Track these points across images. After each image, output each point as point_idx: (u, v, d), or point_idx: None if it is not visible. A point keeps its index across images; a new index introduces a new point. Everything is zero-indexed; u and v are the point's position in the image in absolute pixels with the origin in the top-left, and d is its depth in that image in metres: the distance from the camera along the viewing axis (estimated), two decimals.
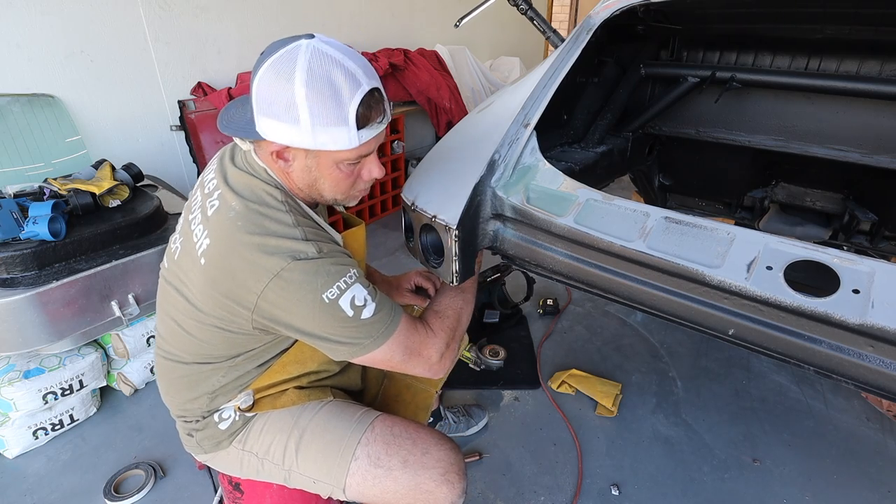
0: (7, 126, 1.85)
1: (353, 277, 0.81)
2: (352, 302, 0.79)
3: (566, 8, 6.18)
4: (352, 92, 0.75)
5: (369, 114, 0.78)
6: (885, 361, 0.81)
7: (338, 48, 0.76)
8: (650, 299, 1.07)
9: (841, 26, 1.39)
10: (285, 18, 2.90)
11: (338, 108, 0.74)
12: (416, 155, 3.81)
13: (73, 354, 1.67)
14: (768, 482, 1.53)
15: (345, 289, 0.79)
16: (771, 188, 2.00)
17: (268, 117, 0.76)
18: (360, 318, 0.80)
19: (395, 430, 0.94)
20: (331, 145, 0.77)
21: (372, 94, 0.78)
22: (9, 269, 1.47)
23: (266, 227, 0.79)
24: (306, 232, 0.81)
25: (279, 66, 0.73)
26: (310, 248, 0.79)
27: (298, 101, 0.73)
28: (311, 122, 0.74)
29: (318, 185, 0.86)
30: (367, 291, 0.82)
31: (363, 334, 0.82)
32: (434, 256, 1.34)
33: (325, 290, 0.77)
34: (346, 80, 0.74)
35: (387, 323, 0.84)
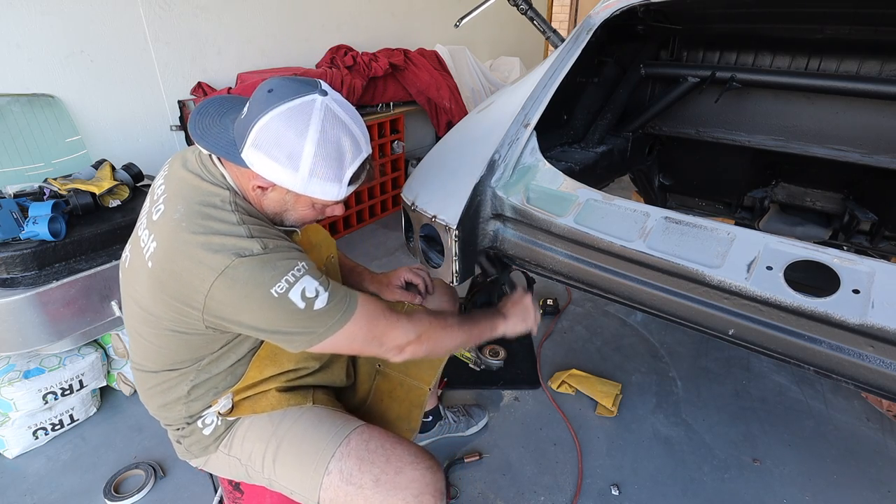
0: (7, 126, 1.84)
1: (301, 270, 0.80)
2: (303, 294, 0.79)
3: (566, 8, 6.18)
4: (353, 157, 0.82)
5: (360, 174, 0.85)
6: (885, 361, 0.82)
7: (346, 110, 0.82)
8: (650, 299, 1.07)
9: (841, 26, 1.39)
10: (285, 18, 2.90)
11: (338, 169, 0.81)
12: (416, 155, 3.81)
13: (73, 354, 1.67)
14: (768, 482, 1.53)
15: (293, 282, 0.78)
16: (771, 188, 2.00)
17: (265, 155, 0.78)
18: (314, 308, 0.79)
19: (371, 444, 0.91)
20: (319, 195, 0.82)
21: (368, 159, 0.85)
22: (9, 269, 1.47)
23: (210, 226, 0.79)
24: (251, 229, 0.80)
25: (293, 118, 0.77)
26: (254, 245, 0.78)
27: (304, 156, 0.77)
28: (310, 174, 0.79)
29: (285, 215, 0.89)
30: (319, 282, 0.81)
31: (317, 323, 0.81)
32: (434, 256, 1.34)
33: (274, 284, 0.77)
34: (351, 146, 0.81)
35: (342, 310, 0.83)
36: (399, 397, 1.21)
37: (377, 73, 3.04)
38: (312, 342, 0.82)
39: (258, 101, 0.79)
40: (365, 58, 3.04)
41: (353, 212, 3.25)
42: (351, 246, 3.09)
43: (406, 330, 0.90)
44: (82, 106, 2.13)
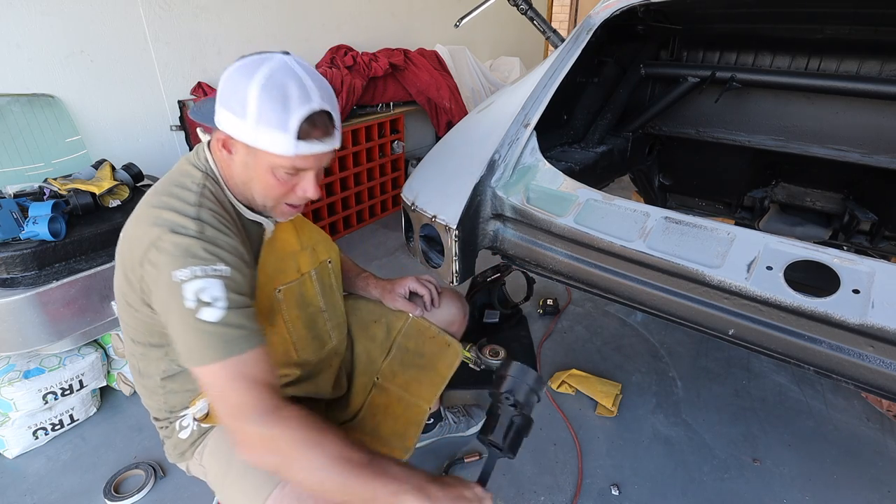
0: (7, 126, 1.84)
1: (217, 272, 0.74)
2: (197, 293, 0.72)
3: (566, 8, 6.18)
4: (300, 104, 0.77)
5: (311, 129, 0.79)
6: (885, 361, 0.82)
7: (307, 70, 0.79)
8: (650, 299, 1.07)
9: (841, 26, 1.39)
10: (285, 18, 2.90)
11: (283, 113, 0.76)
12: (416, 155, 3.81)
13: (73, 354, 1.67)
14: (768, 482, 1.53)
15: (199, 276, 0.72)
16: (771, 188, 2.00)
17: (223, 108, 0.79)
18: (197, 315, 0.71)
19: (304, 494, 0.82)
20: (268, 147, 0.78)
21: (321, 114, 0.79)
22: (9, 269, 1.47)
23: (167, 201, 0.80)
24: (201, 213, 0.79)
25: (245, 66, 0.77)
26: (191, 225, 0.76)
27: (249, 98, 0.75)
28: (256, 119, 0.76)
29: (251, 185, 0.85)
30: (226, 296, 0.73)
31: (193, 337, 0.72)
32: (434, 256, 1.34)
33: (179, 268, 0.73)
34: (298, 93, 0.77)
35: (222, 342, 0.72)
36: (396, 413, 1.16)
37: (377, 73, 3.04)
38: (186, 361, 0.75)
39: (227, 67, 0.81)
40: (365, 58, 3.04)
41: (354, 212, 3.25)
42: (351, 246, 3.08)
43: (257, 426, 0.71)
44: (82, 106, 2.13)
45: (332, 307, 1.10)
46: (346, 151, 3.00)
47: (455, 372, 1.93)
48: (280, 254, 0.97)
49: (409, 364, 1.21)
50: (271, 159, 0.80)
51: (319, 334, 1.06)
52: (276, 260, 0.96)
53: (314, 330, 1.04)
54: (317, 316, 1.05)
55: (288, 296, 0.97)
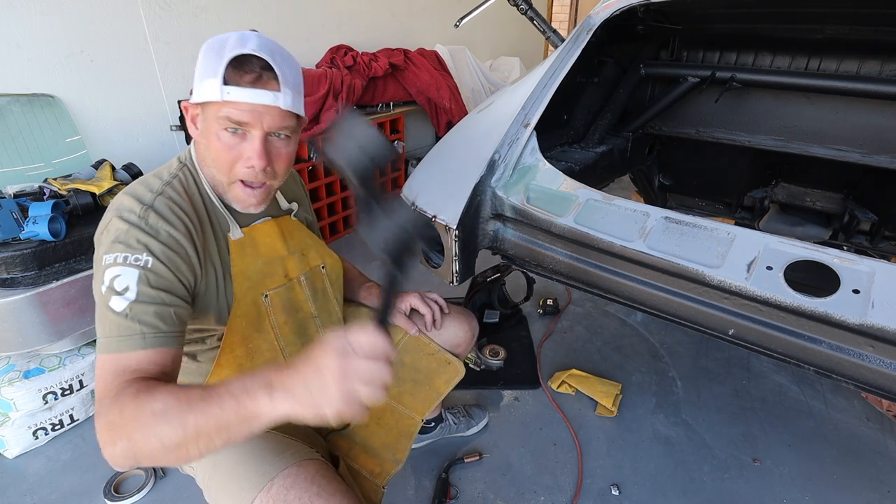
0: (7, 126, 1.84)
1: (137, 262, 0.72)
2: (112, 279, 0.71)
3: (566, 8, 6.18)
4: (231, 49, 0.76)
5: (240, 72, 0.76)
6: (885, 361, 0.82)
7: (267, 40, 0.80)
8: (650, 299, 1.07)
9: (841, 26, 1.39)
10: (285, 18, 2.90)
11: (215, 59, 0.76)
12: (416, 155, 3.81)
13: (73, 354, 1.67)
14: (768, 482, 1.53)
15: (119, 263, 0.72)
16: (771, 188, 2.00)
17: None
18: (108, 303, 0.71)
19: (291, 494, 0.78)
20: (204, 96, 0.78)
21: (253, 58, 0.77)
22: (9, 269, 1.47)
23: (135, 187, 0.81)
24: (156, 200, 0.79)
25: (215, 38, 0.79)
26: (136, 209, 0.77)
27: (199, 57, 0.78)
28: (200, 74, 0.78)
29: (209, 158, 0.84)
30: (138, 287, 0.71)
31: (100, 322, 0.72)
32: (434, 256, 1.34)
33: (108, 252, 0.73)
34: (235, 41, 0.76)
35: (116, 334, 0.70)
36: (388, 424, 1.13)
37: (377, 73, 3.04)
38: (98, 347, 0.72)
39: None
40: (365, 58, 3.04)
41: (354, 212, 3.25)
42: (350, 247, 3.08)
43: (102, 408, 0.66)
44: (82, 106, 2.13)
45: (326, 313, 1.07)
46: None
47: None
48: (265, 258, 0.95)
49: (404, 378, 1.17)
50: (212, 113, 0.79)
51: (310, 340, 1.03)
52: (262, 265, 0.94)
53: (304, 336, 1.02)
54: (307, 322, 1.03)
55: (275, 301, 0.96)
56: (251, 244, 0.93)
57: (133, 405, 0.63)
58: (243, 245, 0.91)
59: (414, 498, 1.47)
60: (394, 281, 0.63)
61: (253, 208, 0.89)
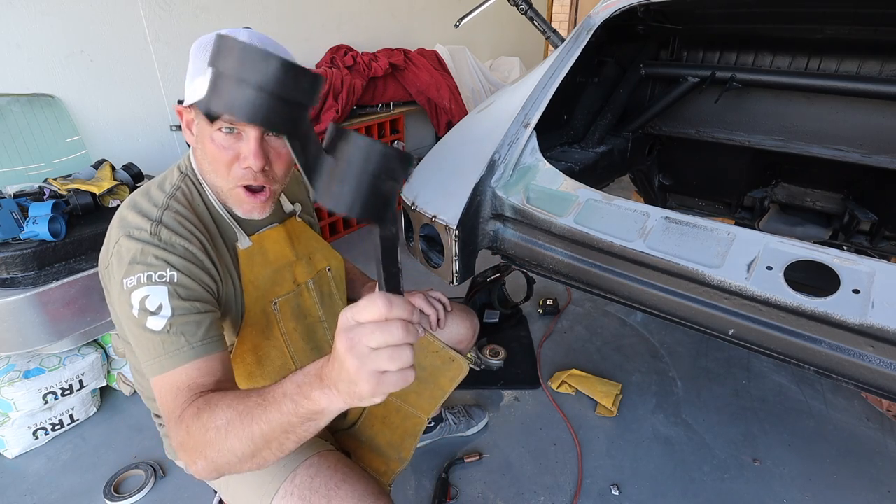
0: (7, 126, 1.84)
1: (163, 279, 0.72)
2: (142, 301, 0.70)
3: (566, 8, 6.18)
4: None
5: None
6: (885, 361, 0.81)
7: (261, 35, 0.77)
8: (650, 299, 1.07)
9: (841, 26, 1.39)
10: (285, 18, 2.90)
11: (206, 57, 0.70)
12: (416, 155, 3.81)
13: (73, 354, 1.67)
14: (768, 482, 1.53)
15: (144, 283, 0.71)
16: (771, 188, 2.00)
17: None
18: (144, 324, 0.70)
19: (316, 482, 0.80)
20: (196, 96, 0.76)
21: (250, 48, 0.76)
22: (9, 269, 1.47)
23: (138, 202, 0.80)
24: (164, 215, 0.77)
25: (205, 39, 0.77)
26: (146, 227, 0.75)
27: (190, 58, 0.76)
28: (190, 74, 0.76)
29: (206, 163, 0.81)
30: (171, 303, 0.71)
31: (142, 346, 0.71)
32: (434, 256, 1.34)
33: (128, 275, 0.72)
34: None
35: (164, 352, 0.70)
36: (393, 424, 1.14)
37: (377, 73, 3.04)
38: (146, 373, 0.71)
39: None
40: (365, 58, 3.04)
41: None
42: (351, 246, 3.08)
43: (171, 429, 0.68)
44: (82, 106, 2.13)
45: (333, 316, 1.07)
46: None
47: None
48: (275, 266, 0.93)
49: None
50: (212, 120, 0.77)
51: (319, 345, 1.04)
52: (271, 273, 0.93)
53: (313, 341, 1.02)
54: (315, 326, 1.03)
55: (284, 308, 0.95)
56: (260, 252, 0.91)
57: (197, 425, 0.63)
58: (252, 254, 0.89)
59: (414, 498, 1.47)
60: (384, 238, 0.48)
61: (257, 214, 0.85)
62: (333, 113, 2.72)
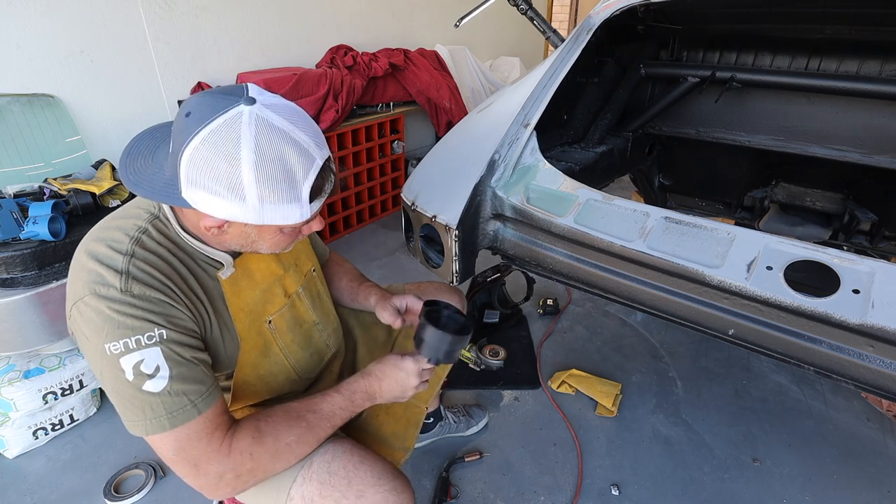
0: (7, 126, 1.85)
1: (153, 339, 0.69)
2: (136, 367, 0.68)
3: (566, 8, 6.18)
4: (306, 170, 0.69)
5: (322, 184, 0.73)
6: (885, 361, 0.82)
7: (285, 114, 0.68)
8: (650, 299, 1.07)
9: (841, 26, 1.39)
10: (285, 18, 2.90)
11: (291, 189, 0.68)
12: (416, 155, 3.81)
13: (73, 354, 1.67)
14: (768, 482, 1.53)
15: (134, 349, 0.68)
16: (771, 188, 2.00)
17: (203, 191, 0.67)
18: (142, 388, 0.68)
19: (333, 466, 0.83)
20: (280, 220, 0.70)
21: (328, 167, 0.73)
22: (9, 269, 1.47)
23: (98, 250, 0.73)
24: (132, 265, 0.71)
25: (219, 143, 0.64)
26: (114, 282, 0.69)
27: (246, 184, 0.65)
28: (260, 202, 0.67)
29: (255, 246, 0.79)
30: (168, 363, 0.70)
31: (134, 408, 0.69)
32: (434, 256, 1.34)
33: (111, 340, 0.68)
34: (299, 158, 0.68)
35: (172, 411, 0.70)
36: (396, 414, 1.16)
37: (377, 73, 3.04)
38: (132, 430, 0.71)
39: (179, 130, 0.67)
40: (365, 58, 3.04)
41: (354, 212, 3.25)
42: (350, 246, 3.08)
43: (224, 462, 0.73)
44: (82, 106, 2.13)
45: (325, 315, 1.07)
46: (347, 151, 3.00)
47: (455, 372, 1.94)
48: (263, 286, 0.91)
49: None
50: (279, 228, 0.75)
51: (318, 349, 1.04)
52: (261, 293, 0.90)
53: (311, 347, 1.02)
54: (311, 331, 1.02)
55: (279, 323, 0.93)
56: (245, 276, 0.87)
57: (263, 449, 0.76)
58: (236, 280, 0.85)
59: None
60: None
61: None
62: (333, 113, 2.72)
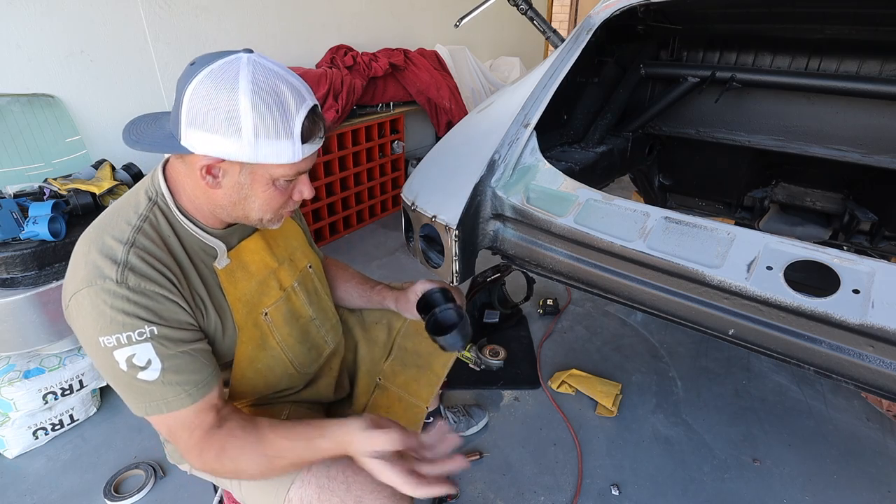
0: (7, 126, 1.84)
1: (143, 335, 0.71)
2: (129, 359, 0.71)
3: (566, 8, 6.18)
4: (297, 105, 0.72)
5: (313, 128, 0.75)
6: (885, 361, 0.81)
7: (278, 65, 0.74)
8: (650, 299, 1.07)
9: (841, 26, 1.39)
10: (285, 18, 2.90)
11: (284, 120, 0.71)
12: (416, 155, 3.81)
13: (73, 354, 1.67)
14: (768, 482, 1.53)
15: (125, 344, 0.70)
16: (771, 188, 2.00)
17: (201, 129, 0.69)
18: (136, 377, 0.72)
19: (332, 470, 0.84)
20: (272, 158, 0.72)
21: (314, 110, 0.76)
22: (9, 269, 1.47)
23: (101, 239, 0.75)
24: (131, 254, 0.73)
25: (219, 77, 0.68)
26: (112, 274, 0.71)
27: (242, 112, 0.68)
28: (255, 133, 0.69)
29: (246, 204, 0.79)
30: (159, 356, 0.72)
31: (132, 393, 0.74)
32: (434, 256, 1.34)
33: (104, 334, 0.70)
34: (291, 93, 0.72)
35: (163, 398, 0.73)
36: (397, 413, 1.17)
37: (377, 73, 3.04)
38: (139, 411, 0.75)
39: (182, 78, 0.71)
40: (365, 58, 3.04)
41: (353, 212, 3.25)
42: (350, 246, 3.09)
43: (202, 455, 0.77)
44: (82, 106, 2.13)
45: (322, 312, 1.07)
46: (346, 151, 3.00)
47: (455, 372, 1.94)
48: (258, 277, 0.91)
49: (408, 364, 1.21)
50: (272, 171, 0.75)
51: (315, 344, 1.04)
52: (256, 284, 0.91)
53: (308, 341, 1.02)
54: (308, 326, 1.02)
55: (275, 315, 0.94)
56: (240, 267, 0.88)
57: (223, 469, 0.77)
58: (232, 271, 0.87)
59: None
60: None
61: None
62: (334, 113, 2.72)
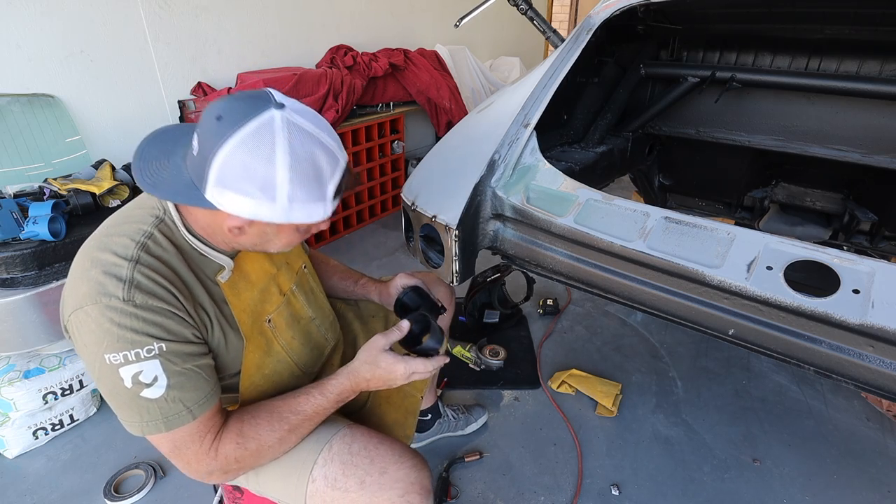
0: (7, 126, 1.84)
1: (152, 352, 0.72)
2: (135, 377, 0.71)
3: (566, 8, 6.18)
4: (332, 170, 0.74)
5: (342, 185, 0.77)
6: (885, 361, 0.82)
7: (311, 120, 0.73)
8: (650, 299, 1.07)
9: (841, 26, 1.39)
10: (285, 19, 2.90)
11: (319, 188, 0.73)
12: (416, 155, 3.81)
13: (72, 354, 1.67)
14: (768, 482, 1.53)
15: (133, 361, 0.71)
16: (771, 188, 2.00)
17: (234, 192, 0.69)
18: (140, 394, 0.72)
19: (354, 447, 0.88)
20: (304, 219, 0.74)
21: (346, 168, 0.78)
22: (9, 269, 1.47)
23: (104, 257, 0.73)
24: (136, 272, 0.73)
25: (256, 146, 0.67)
26: (117, 292, 0.71)
27: (279, 183, 0.68)
28: (290, 200, 0.70)
29: (266, 246, 0.81)
30: (166, 374, 0.73)
31: (132, 411, 0.73)
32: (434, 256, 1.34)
33: (110, 352, 0.70)
34: (326, 159, 0.73)
35: (166, 415, 0.74)
36: (396, 403, 1.20)
37: (377, 73, 3.04)
38: (134, 430, 0.75)
39: (209, 132, 0.69)
40: (365, 58, 3.04)
41: (353, 212, 3.25)
42: (350, 246, 3.09)
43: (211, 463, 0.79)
44: (82, 106, 2.13)
45: (320, 310, 1.09)
46: (346, 151, 3.00)
47: (455, 372, 1.94)
48: (259, 285, 0.92)
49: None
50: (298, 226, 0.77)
51: (317, 344, 1.05)
52: (258, 293, 0.91)
53: (310, 342, 1.03)
54: (309, 327, 1.04)
55: (278, 321, 0.95)
56: (242, 278, 0.89)
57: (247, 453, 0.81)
58: (235, 282, 0.87)
59: None
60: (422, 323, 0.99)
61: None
62: (333, 113, 2.72)
